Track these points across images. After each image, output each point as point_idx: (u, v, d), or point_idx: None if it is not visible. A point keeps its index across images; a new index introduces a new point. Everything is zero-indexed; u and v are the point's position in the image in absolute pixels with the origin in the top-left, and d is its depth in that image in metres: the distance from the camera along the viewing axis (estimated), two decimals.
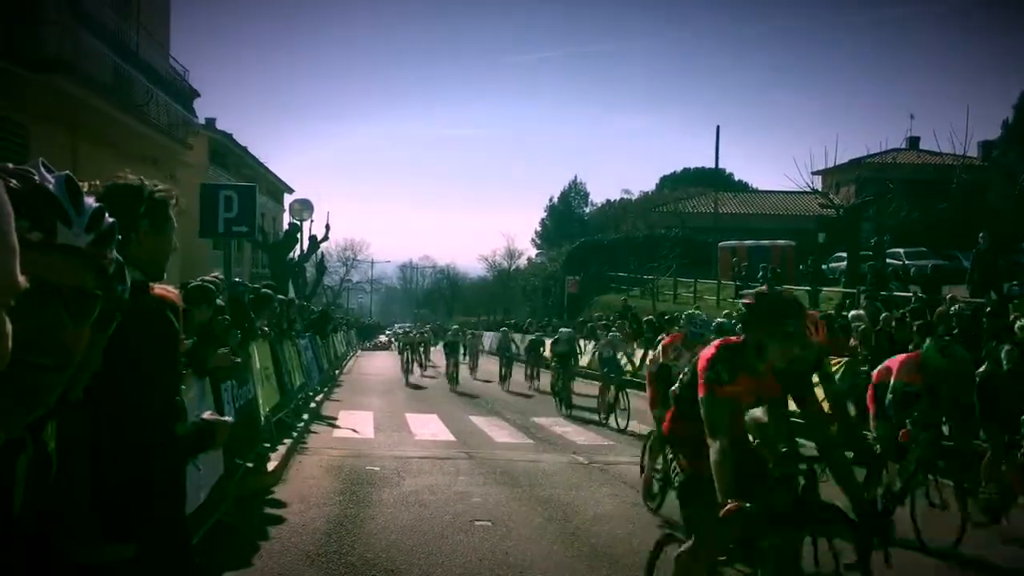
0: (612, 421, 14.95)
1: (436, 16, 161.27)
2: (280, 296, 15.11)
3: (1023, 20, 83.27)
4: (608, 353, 16.32)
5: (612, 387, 15.52)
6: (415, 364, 26.61)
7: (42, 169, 1.28)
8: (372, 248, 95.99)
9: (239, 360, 7.44)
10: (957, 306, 12.46)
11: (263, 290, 12.00)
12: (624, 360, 16.22)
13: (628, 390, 15.37)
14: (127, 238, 2.32)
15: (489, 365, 27.91)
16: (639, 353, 23.79)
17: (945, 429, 10.95)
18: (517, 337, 28.26)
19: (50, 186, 1.25)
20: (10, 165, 1.24)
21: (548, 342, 25.57)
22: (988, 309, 11.91)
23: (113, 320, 1.73)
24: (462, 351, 25.18)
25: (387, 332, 64.40)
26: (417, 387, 22.98)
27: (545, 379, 21.79)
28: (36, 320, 1.19)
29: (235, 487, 7.33)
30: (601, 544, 7.02)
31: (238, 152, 36.69)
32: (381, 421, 14.92)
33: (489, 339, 39.24)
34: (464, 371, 25.53)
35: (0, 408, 1.16)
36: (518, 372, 24.16)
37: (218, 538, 6.15)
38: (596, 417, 15.81)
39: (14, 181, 1.20)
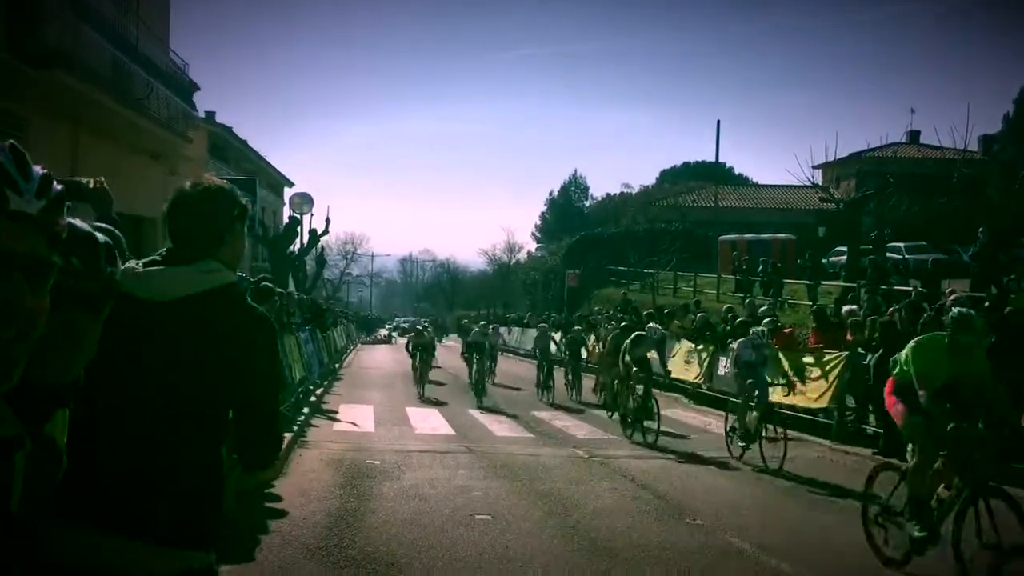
0: (759, 456, 10.63)
1: (435, 12, 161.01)
2: (279, 290, 15.11)
3: (1022, 17, 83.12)
4: (750, 357, 11.33)
5: (755, 412, 10.86)
6: (427, 371, 19.90)
7: None
8: (372, 242, 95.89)
9: None
10: (953, 298, 12.44)
11: (263, 284, 12.00)
12: (775, 375, 11.69)
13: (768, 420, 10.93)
14: (222, 239, 2.30)
15: (506, 365, 25.19)
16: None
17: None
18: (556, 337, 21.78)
19: None
20: None
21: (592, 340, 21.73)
22: (986, 304, 11.92)
23: (107, 304, 1.73)
24: (488, 353, 19.37)
25: (387, 326, 64.27)
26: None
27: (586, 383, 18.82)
28: None
29: (235, 481, 7.33)
30: (601, 538, 7.04)
31: (238, 145, 36.65)
32: (381, 415, 14.94)
33: (505, 335, 38.59)
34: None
35: None
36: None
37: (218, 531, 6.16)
38: (703, 452, 11.61)
39: None
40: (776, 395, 11.77)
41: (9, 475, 1.52)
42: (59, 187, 1.38)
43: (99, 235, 1.78)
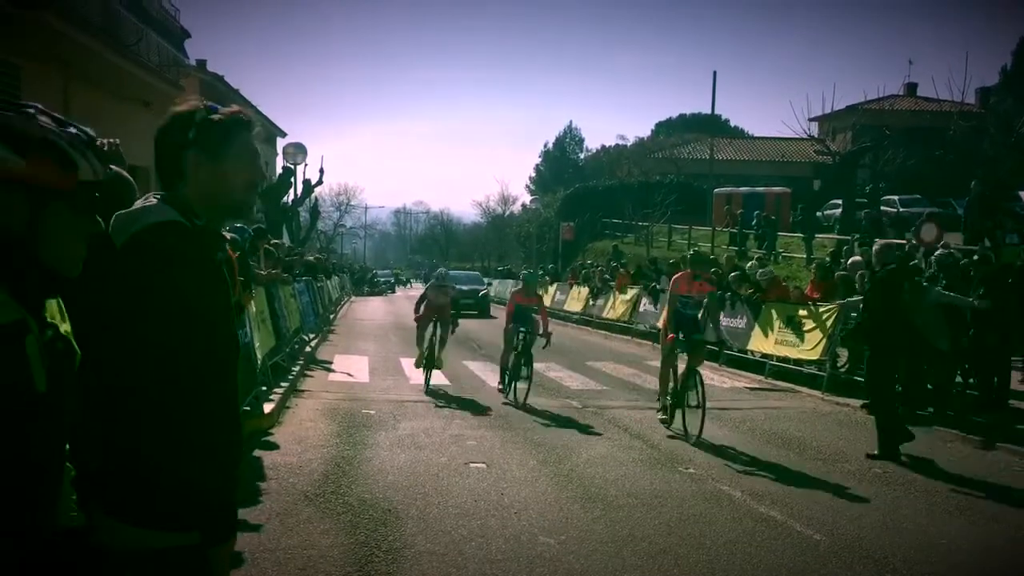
0: None
1: None
2: (276, 241, 15.09)
3: None
4: None
5: None
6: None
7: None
8: (366, 193, 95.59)
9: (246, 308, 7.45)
10: (938, 252, 12.32)
11: (256, 228, 11.98)
12: None
13: None
14: (180, 171, 2.12)
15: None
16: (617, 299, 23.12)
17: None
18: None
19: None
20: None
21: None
22: (975, 256, 11.93)
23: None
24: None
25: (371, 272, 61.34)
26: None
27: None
28: None
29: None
30: (595, 486, 7.13)
31: (229, 94, 36.23)
32: (376, 365, 15.00)
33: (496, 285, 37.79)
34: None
35: None
36: None
37: None
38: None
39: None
40: (769, 346, 11.69)
41: (23, 356, 1.57)
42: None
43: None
